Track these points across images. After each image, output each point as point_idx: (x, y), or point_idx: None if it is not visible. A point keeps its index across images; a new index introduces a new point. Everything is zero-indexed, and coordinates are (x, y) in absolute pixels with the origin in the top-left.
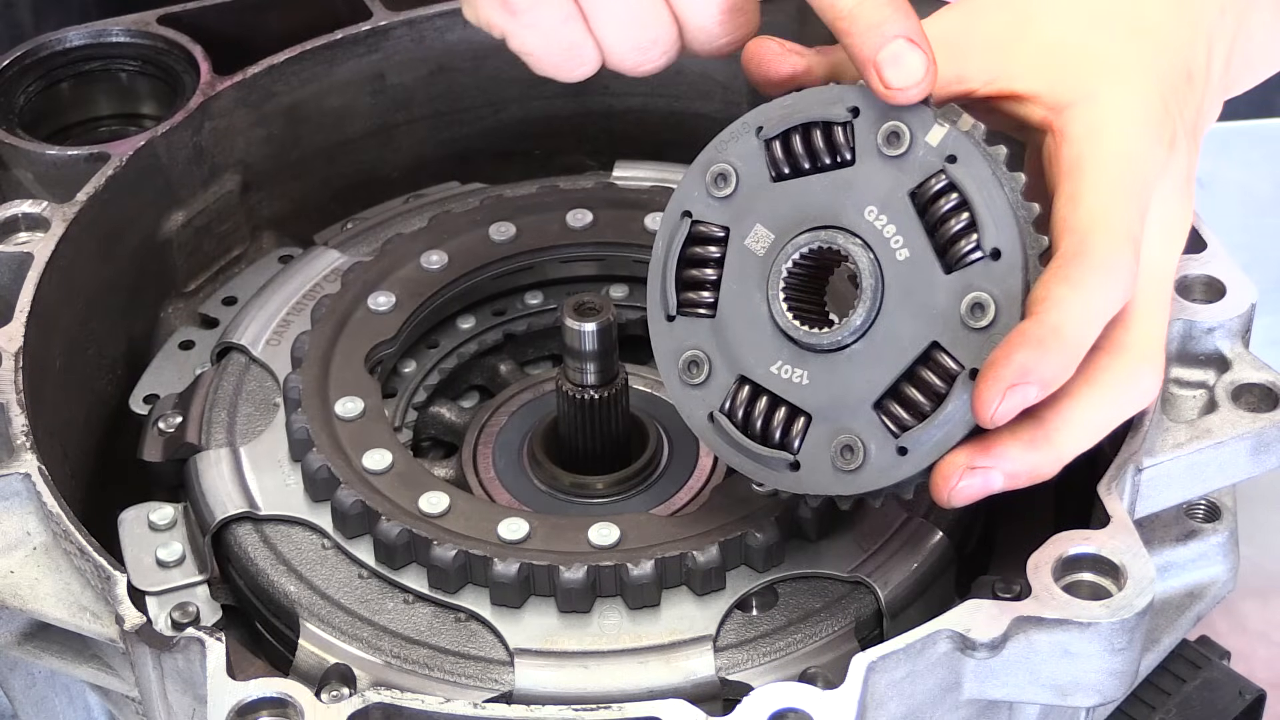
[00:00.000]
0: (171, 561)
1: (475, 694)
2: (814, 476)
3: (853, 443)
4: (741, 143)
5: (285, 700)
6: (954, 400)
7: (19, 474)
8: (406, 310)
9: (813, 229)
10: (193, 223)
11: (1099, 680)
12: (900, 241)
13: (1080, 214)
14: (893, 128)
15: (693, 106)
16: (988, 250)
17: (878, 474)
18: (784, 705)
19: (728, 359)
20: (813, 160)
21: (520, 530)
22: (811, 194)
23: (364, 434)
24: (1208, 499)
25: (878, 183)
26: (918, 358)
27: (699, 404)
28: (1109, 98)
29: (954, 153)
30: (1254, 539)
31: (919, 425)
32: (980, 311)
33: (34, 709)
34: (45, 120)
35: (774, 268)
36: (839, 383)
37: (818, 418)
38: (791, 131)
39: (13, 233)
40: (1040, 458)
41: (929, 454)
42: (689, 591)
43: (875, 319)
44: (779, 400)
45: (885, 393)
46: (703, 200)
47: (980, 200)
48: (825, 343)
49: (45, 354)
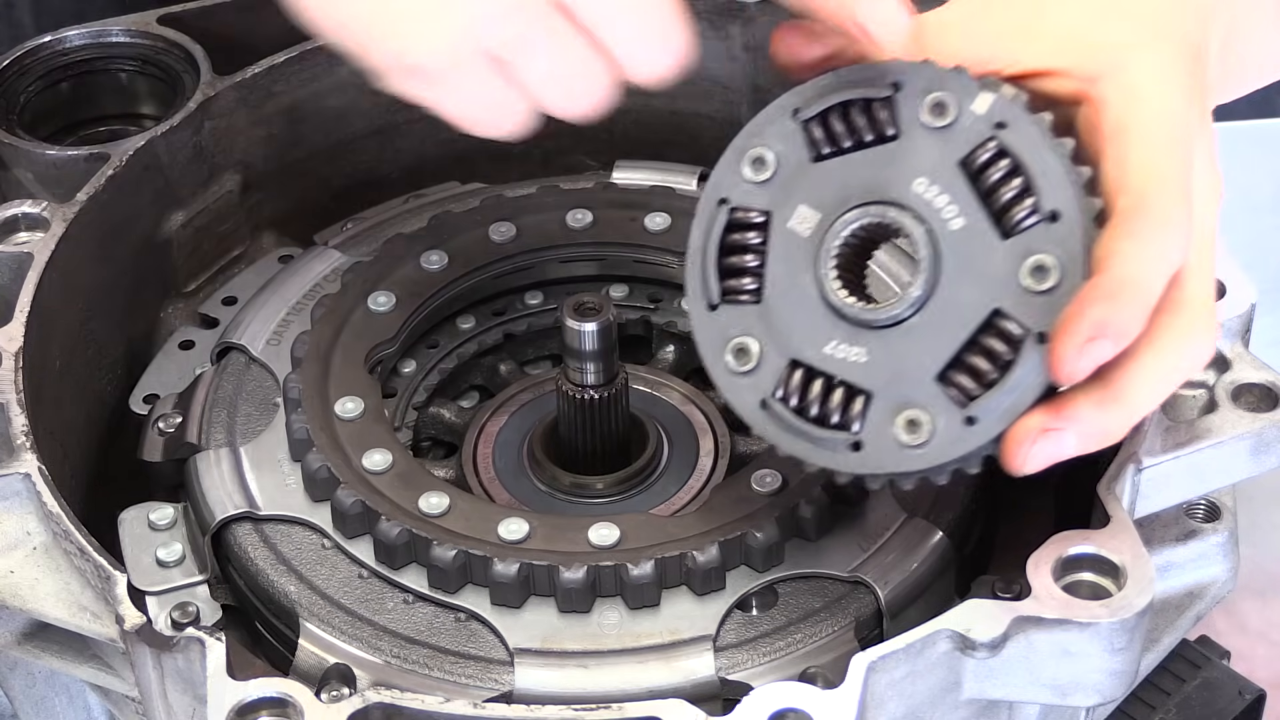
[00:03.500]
0: (171, 561)
1: (475, 694)
2: (878, 455)
3: (918, 417)
4: (778, 126)
5: (285, 700)
6: (1022, 365)
7: (19, 474)
8: (406, 310)
9: (861, 205)
10: (193, 223)
11: (1099, 680)
12: (953, 211)
13: (1133, 174)
14: (938, 99)
15: (693, 106)
16: (1046, 213)
17: (946, 446)
18: (784, 705)
19: (777, 343)
20: (854, 137)
21: (520, 530)
22: (855, 171)
23: (364, 434)
24: (1208, 499)
25: (925, 154)
26: (980, 326)
27: (749, 391)
28: (1141, 65)
29: (1003, 119)
30: (1254, 539)
31: (987, 393)
32: (1043, 274)
33: (34, 709)
34: (45, 120)
35: (823, 247)
36: (899, 357)
37: (878, 395)
38: (830, 111)
39: (13, 233)
40: (1111, 418)
41: (999, 421)
42: (689, 591)
43: (933, 290)
44: (835, 381)
45: (948, 364)
46: (740, 186)
47: (1035, 164)
48: (882, 318)
49: (45, 354)
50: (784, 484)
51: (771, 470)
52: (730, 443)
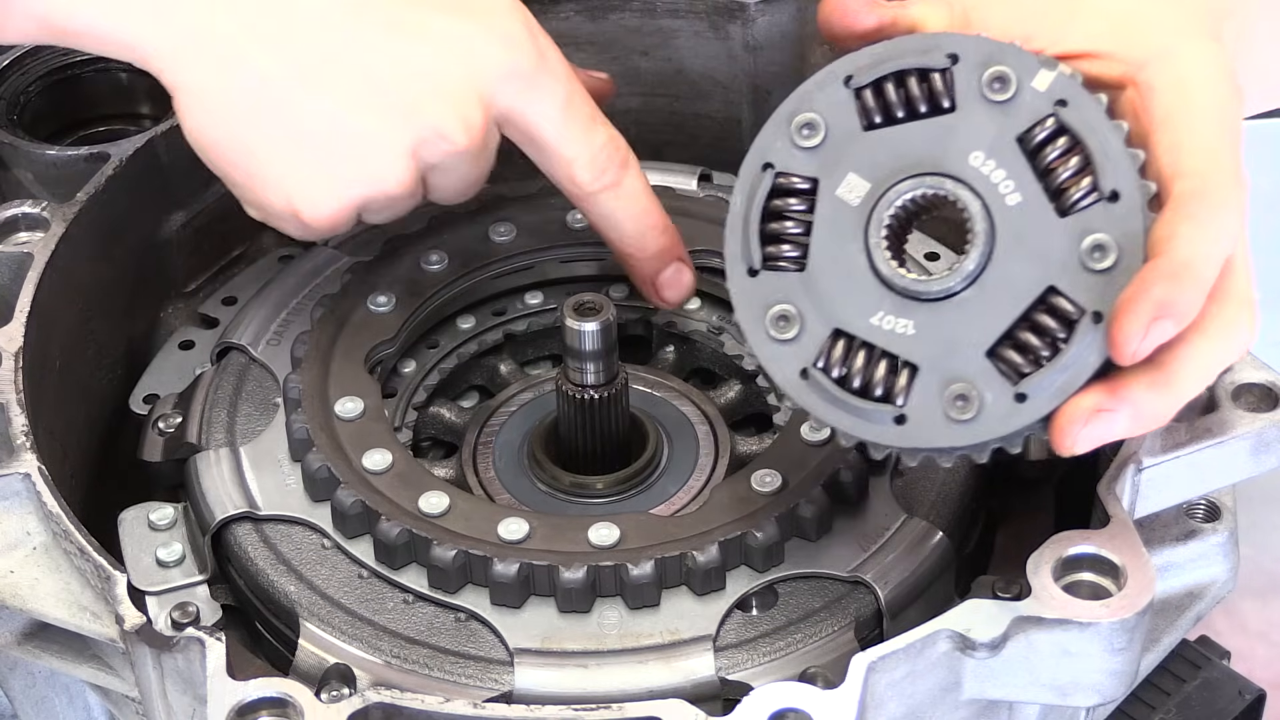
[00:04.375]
0: (171, 561)
1: (475, 694)
2: (922, 429)
3: (967, 392)
4: (828, 92)
5: (285, 700)
6: (1077, 343)
7: (19, 474)
8: (406, 310)
9: (915, 176)
10: (193, 223)
11: (1099, 680)
12: (1010, 186)
13: (1188, 159)
14: (998, 73)
15: (693, 106)
16: (1106, 192)
17: (995, 423)
18: (784, 705)
19: (820, 312)
20: (908, 107)
21: (520, 530)
22: (909, 142)
23: (364, 434)
24: (1208, 499)
25: (982, 128)
26: (1034, 302)
27: (790, 360)
28: (1190, 53)
29: (1064, 97)
30: (1254, 539)
31: (1039, 371)
32: (1102, 253)
33: (34, 709)
34: (45, 120)
35: (873, 217)
36: (949, 331)
37: (925, 368)
38: (884, 79)
39: (13, 233)
40: (1162, 401)
41: (1050, 400)
42: (689, 591)
43: (986, 265)
44: (880, 352)
45: (999, 339)
46: (786, 151)
47: (1096, 143)
48: (935, 290)
49: (45, 354)
50: (784, 484)
51: (771, 470)
52: (730, 443)
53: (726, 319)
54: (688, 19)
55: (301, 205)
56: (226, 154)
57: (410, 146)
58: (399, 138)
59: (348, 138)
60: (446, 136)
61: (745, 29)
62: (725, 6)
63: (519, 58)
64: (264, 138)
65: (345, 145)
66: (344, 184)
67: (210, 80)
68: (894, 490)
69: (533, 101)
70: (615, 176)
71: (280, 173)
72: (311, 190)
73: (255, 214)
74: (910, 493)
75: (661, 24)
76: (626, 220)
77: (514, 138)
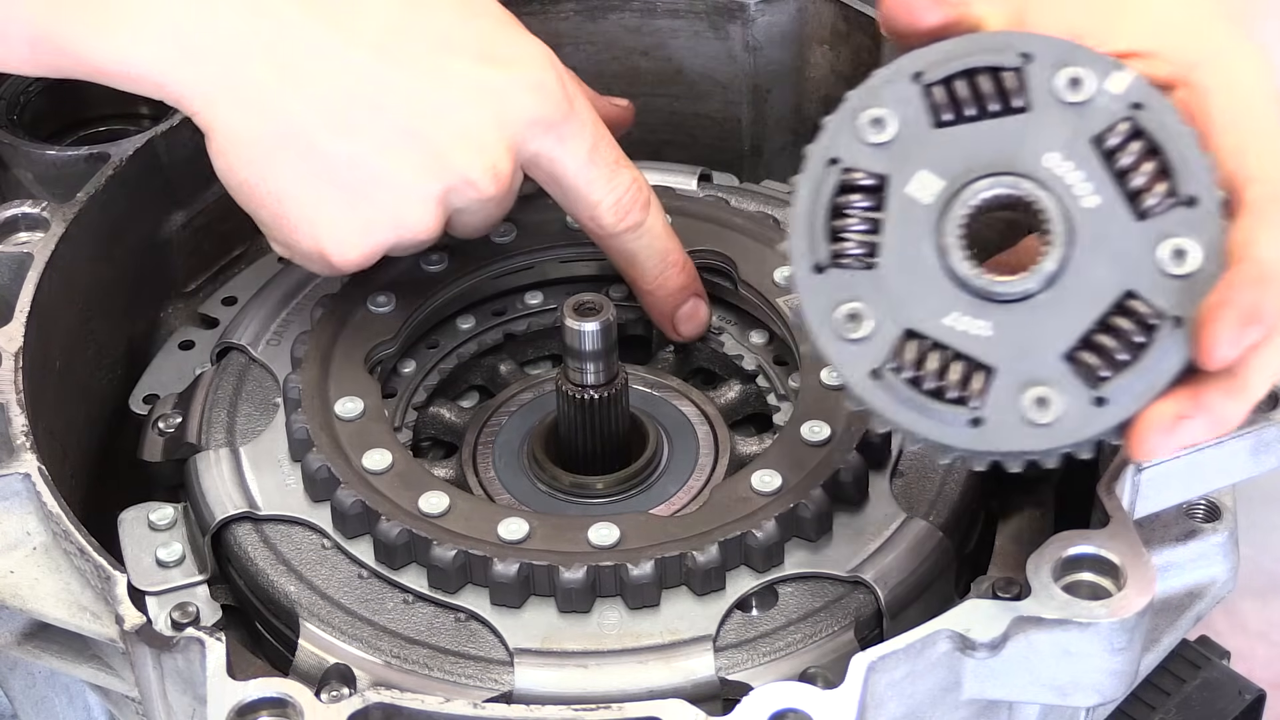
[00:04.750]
0: (171, 561)
1: (475, 694)
2: (1000, 433)
3: (1047, 395)
4: (897, 88)
5: (285, 700)
6: (1157, 348)
7: (19, 474)
8: (406, 310)
9: (992, 175)
10: (193, 223)
11: (1099, 680)
12: (1087, 189)
13: (1255, 163)
14: (1074, 74)
15: (693, 106)
16: (1184, 197)
17: (1073, 427)
18: (784, 705)
19: (892, 312)
20: (980, 105)
21: (520, 530)
22: (982, 140)
23: (364, 434)
24: (1208, 499)
25: (1057, 129)
26: (1112, 306)
27: (860, 360)
28: (1238, 54)
29: (1139, 100)
30: (1254, 539)
31: (1119, 375)
32: (1182, 258)
33: (34, 709)
34: (45, 120)
35: (948, 216)
36: (1025, 333)
37: (1001, 371)
38: (955, 76)
39: (13, 233)
40: (1237, 405)
41: (1130, 405)
42: (689, 591)
43: (1064, 267)
44: (954, 353)
45: (1078, 342)
46: (853, 147)
47: (1174, 148)
48: (1013, 292)
49: (45, 354)
50: (784, 484)
51: (771, 470)
52: (730, 443)
53: (726, 319)
54: (688, 19)
55: (329, 247)
56: (256, 195)
57: (438, 193)
58: (428, 184)
59: (376, 183)
60: (474, 184)
61: (745, 29)
62: (725, 6)
63: (548, 107)
64: (293, 180)
65: (374, 190)
66: (371, 228)
67: (242, 122)
68: (894, 490)
69: (560, 149)
70: (638, 218)
71: (308, 215)
72: (339, 233)
73: (282, 252)
74: (910, 493)
75: (661, 24)
76: (648, 260)
77: (539, 180)
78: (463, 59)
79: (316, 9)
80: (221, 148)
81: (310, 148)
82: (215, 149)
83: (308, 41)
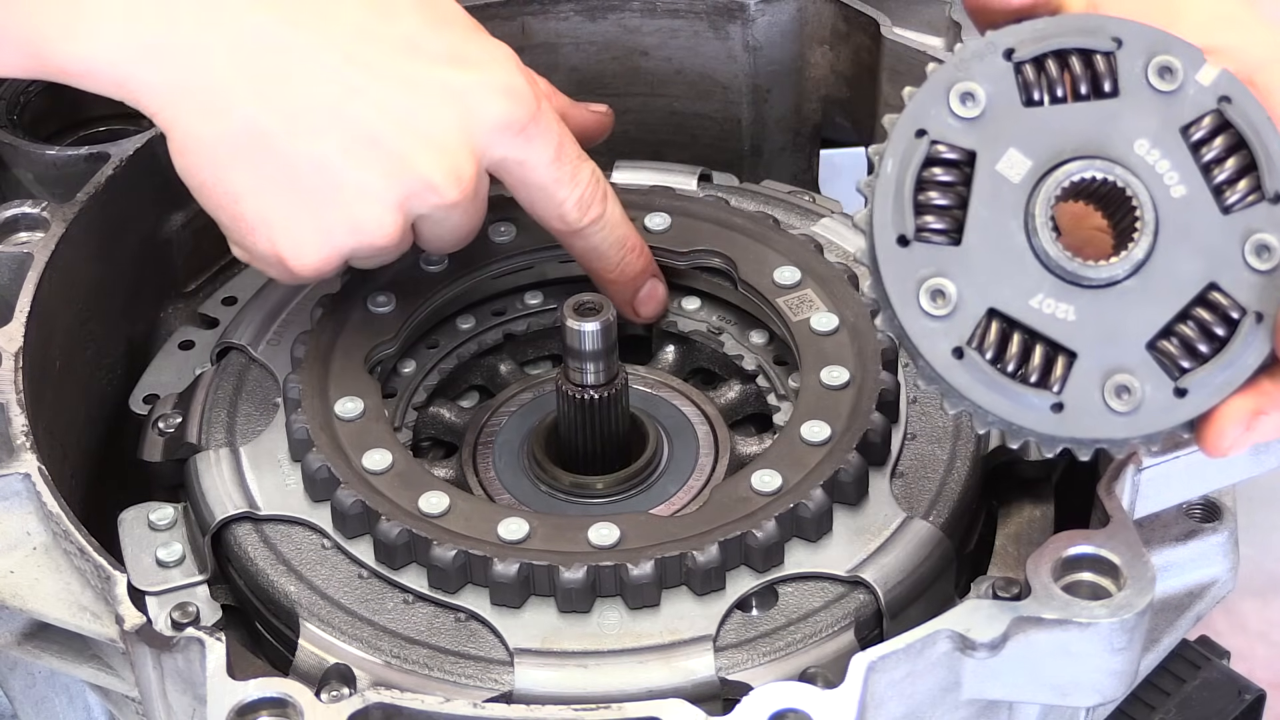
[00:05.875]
0: (171, 561)
1: (475, 694)
2: (1080, 419)
3: (1129, 383)
4: (988, 64)
5: (285, 700)
6: (1239, 342)
7: (19, 474)
8: (406, 310)
9: (1083, 158)
10: (193, 223)
11: (1099, 680)
12: (1175, 178)
13: None
14: (1165, 62)
15: (692, 106)
16: (1270, 194)
17: (1154, 416)
18: (784, 705)
19: (977, 290)
20: (1071, 88)
21: (520, 530)
22: (1073, 122)
23: (364, 434)
24: (1208, 499)
25: (1147, 117)
26: (1195, 297)
27: (943, 336)
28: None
29: (1228, 93)
30: (1254, 539)
31: (1202, 367)
32: (1266, 254)
33: (34, 709)
34: (45, 120)
35: (1038, 196)
36: (1110, 320)
37: (1083, 356)
38: (1046, 56)
39: (13, 233)
40: None
41: (1210, 397)
42: (689, 591)
43: (1151, 255)
44: (1037, 336)
45: (1160, 331)
46: (943, 120)
47: (1260, 143)
48: (1101, 277)
49: (45, 354)
50: (784, 484)
51: (771, 470)
52: (730, 443)
53: (726, 319)
54: (688, 19)
55: (287, 252)
56: (215, 196)
57: (398, 199)
58: (387, 189)
59: (335, 187)
60: (436, 189)
61: (745, 29)
62: (725, 6)
63: (515, 110)
64: (252, 183)
65: (332, 194)
66: (330, 233)
67: (201, 125)
68: (894, 490)
69: (528, 150)
70: (599, 210)
71: (266, 219)
72: (297, 238)
73: (241, 256)
74: (910, 493)
75: (661, 24)
76: (610, 250)
77: (506, 183)
78: (427, 62)
79: (283, 12)
80: (181, 148)
81: (270, 150)
82: (175, 149)
83: (273, 44)
